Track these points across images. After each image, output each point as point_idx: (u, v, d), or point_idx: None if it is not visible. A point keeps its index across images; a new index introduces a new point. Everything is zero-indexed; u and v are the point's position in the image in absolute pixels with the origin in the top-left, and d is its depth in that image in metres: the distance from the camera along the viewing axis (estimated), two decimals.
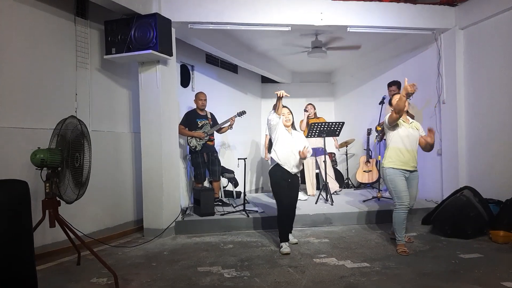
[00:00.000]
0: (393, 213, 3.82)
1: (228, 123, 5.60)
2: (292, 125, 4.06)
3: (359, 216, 5.08)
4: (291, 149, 3.92)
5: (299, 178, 4.19)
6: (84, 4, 4.32)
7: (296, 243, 4.11)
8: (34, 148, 2.92)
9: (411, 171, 3.84)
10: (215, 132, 5.67)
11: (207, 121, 5.57)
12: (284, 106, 3.97)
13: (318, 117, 6.55)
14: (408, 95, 3.62)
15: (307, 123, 6.15)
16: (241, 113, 5.68)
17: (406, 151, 3.78)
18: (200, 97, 5.58)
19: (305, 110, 6.41)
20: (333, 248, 3.98)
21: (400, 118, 3.80)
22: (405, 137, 3.80)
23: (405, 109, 3.80)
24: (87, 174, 3.05)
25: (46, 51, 3.90)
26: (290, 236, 4.12)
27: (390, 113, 3.81)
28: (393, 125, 3.81)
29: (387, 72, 7.00)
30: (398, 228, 3.78)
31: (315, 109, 6.58)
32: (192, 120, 5.51)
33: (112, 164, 4.68)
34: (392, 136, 3.85)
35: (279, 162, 3.91)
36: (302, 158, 3.90)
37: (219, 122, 5.70)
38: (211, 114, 5.73)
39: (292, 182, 3.98)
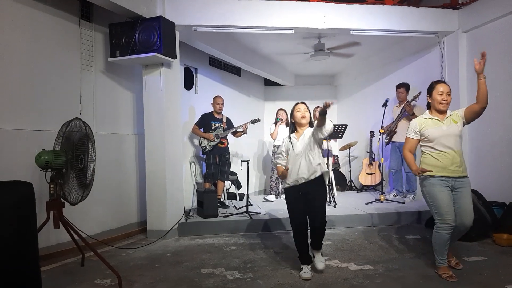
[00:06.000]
0: (433, 232, 3.14)
1: (241, 129, 5.68)
2: (310, 124, 3.38)
3: (362, 218, 5.07)
4: (299, 159, 3.24)
5: (320, 184, 3.27)
6: (89, 7, 4.36)
7: (322, 271, 3.28)
8: (39, 149, 2.94)
9: (456, 178, 3.07)
10: (230, 135, 5.76)
11: (221, 125, 5.67)
12: (301, 102, 3.40)
13: None
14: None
15: None
16: (255, 121, 5.74)
17: (443, 153, 3.08)
18: (217, 101, 5.69)
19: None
20: (336, 250, 3.98)
21: (433, 116, 3.21)
22: (439, 137, 3.10)
23: (445, 108, 3.20)
24: (91, 176, 3.07)
25: (51, 54, 3.94)
26: (318, 257, 3.32)
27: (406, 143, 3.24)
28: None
29: (390, 75, 7.01)
30: (439, 249, 3.11)
31: None
32: (207, 122, 5.64)
33: (116, 166, 4.71)
34: (424, 139, 3.19)
35: (285, 186, 3.36)
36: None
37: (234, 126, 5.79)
38: (227, 118, 5.82)
39: (307, 193, 3.22)
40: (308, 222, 3.29)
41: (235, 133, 5.80)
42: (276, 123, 6.29)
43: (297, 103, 3.42)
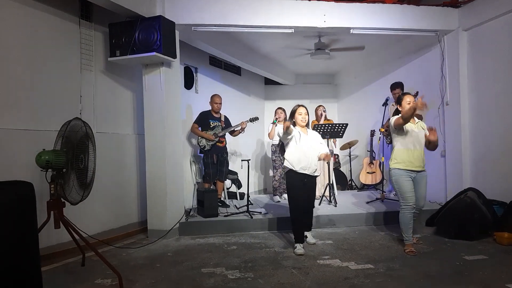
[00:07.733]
0: (399, 214, 3.88)
1: (240, 127, 5.66)
2: (307, 125, 4.11)
3: (362, 217, 5.07)
4: (305, 150, 3.91)
5: (316, 179, 4.18)
6: (89, 7, 4.36)
7: (314, 244, 4.13)
8: (39, 149, 2.94)
9: (418, 171, 3.86)
10: (227, 133, 5.73)
11: (219, 123, 5.65)
12: (301, 105, 4.04)
13: (328, 119, 6.59)
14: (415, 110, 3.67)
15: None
16: (253, 119, 5.72)
17: (413, 152, 3.82)
18: (215, 101, 5.66)
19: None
20: (336, 249, 3.98)
21: None
22: (411, 137, 3.83)
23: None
24: (91, 176, 3.07)
25: (51, 54, 3.94)
26: (309, 235, 4.17)
27: (397, 117, 3.83)
28: (399, 128, 3.85)
29: (390, 74, 7.00)
30: (404, 228, 3.83)
31: (325, 111, 6.60)
32: (205, 120, 5.61)
33: (117, 166, 4.71)
34: (399, 137, 3.89)
35: (293, 168, 3.90)
36: (323, 160, 4.02)
37: (232, 125, 5.77)
38: (225, 117, 5.80)
39: (308, 183, 3.96)
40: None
41: (233, 132, 5.78)
42: (273, 123, 6.19)
43: (300, 106, 4.04)
